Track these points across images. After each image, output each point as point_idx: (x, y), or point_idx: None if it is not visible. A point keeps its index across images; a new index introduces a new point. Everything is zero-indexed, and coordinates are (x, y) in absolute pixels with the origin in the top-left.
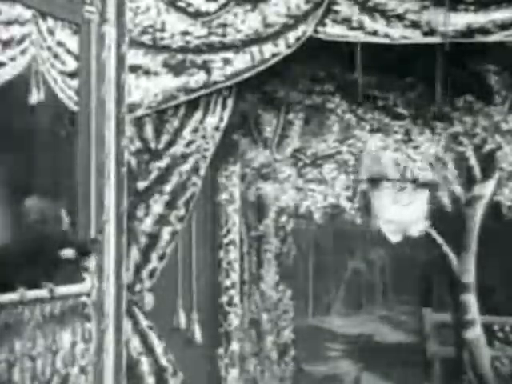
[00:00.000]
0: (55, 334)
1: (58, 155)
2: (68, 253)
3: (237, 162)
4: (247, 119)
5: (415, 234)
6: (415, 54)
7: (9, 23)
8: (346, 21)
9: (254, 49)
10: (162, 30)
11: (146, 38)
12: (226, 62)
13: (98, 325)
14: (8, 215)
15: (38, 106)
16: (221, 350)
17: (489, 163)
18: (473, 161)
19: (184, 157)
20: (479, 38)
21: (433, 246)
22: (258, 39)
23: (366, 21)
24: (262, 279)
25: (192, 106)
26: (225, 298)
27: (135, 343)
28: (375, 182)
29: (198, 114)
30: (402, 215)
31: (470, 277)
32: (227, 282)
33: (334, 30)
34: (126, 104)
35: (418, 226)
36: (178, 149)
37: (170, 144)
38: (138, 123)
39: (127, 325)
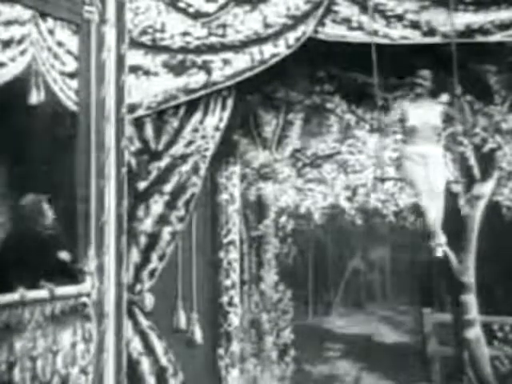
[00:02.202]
0: (55, 334)
1: (57, 155)
2: (64, 255)
3: (237, 162)
4: (247, 119)
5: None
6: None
7: (9, 23)
8: (346, 21)
9: (254, 49)
10: (162, 30)
11: (145, 39)
12: (226, 62)
13: (99, 325)
14: (7, 214)
15: (38, 107)
16: (221, 350)
17: (488, 163)
18: (472, 161)
19: (184, 157)
20: (479, 38)
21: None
22: (257, 40)
23: (366, 21)
24: (261, 279)
25: (192, 106)
26: (225, 298)
27: (135, 343)
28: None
29: (198, 115)
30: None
31: (469, 277)
32: (227, 282)
33: (333, 31)
34: (125, 104)
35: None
36: (178, 149)
37: (170, 144)
38: (138, 124)
39: (127, 325)
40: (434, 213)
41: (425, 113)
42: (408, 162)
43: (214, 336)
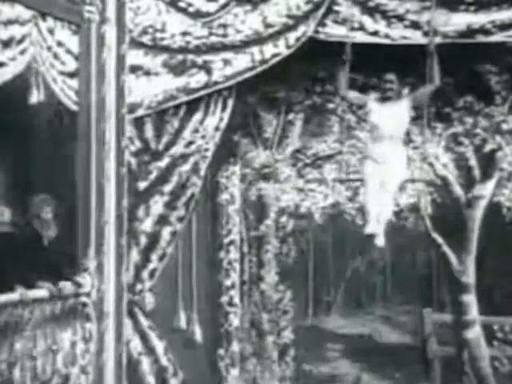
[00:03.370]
0: (55, 333)
1: (57, 155)
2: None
3: (237, 162)
4: (247, 119)
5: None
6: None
7: (9, 23)
8: (347, 21)
9: (255, 49)
10: (163, 30)
11: (146, 39)
12: (227, 62)
13: (99, 325)
14: (7, 214)
15: (38, 106)
16: (221, 350)
17: (489, 164)
18: (473, 161)
19: (184, 157)
20: (479, 39)
21: (433, 246)
22: (258, 39)
23: (367, 21)
24: (262, 279)
25: (192, 106)
26: (225, 298)
27: (136, 343)
28: None
29: (198, 115)
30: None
31: (469, 277)
32: (227, 282)
33: (334, 31)
34: (126, 104)
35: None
36: (178, 149)
37: (170, 144)
38: (138, 123)
39: (127, 325)
40: (376, 210)
41: (389, 110)
42: (369, 161)
43: (215, 336)
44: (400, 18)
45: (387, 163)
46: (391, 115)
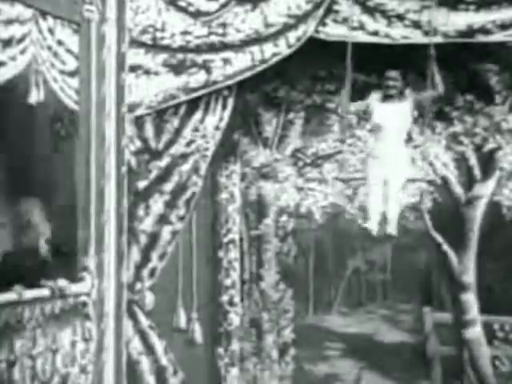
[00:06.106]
0: (55, 333)
1: (57, 154)
2: (62, 283)
3: (237, 161)
4: (247, 119)
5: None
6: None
7: (9, 22)
8: (347, 21)
9: (255, 48)
10: (163, 29)
11: (146, 38)
12: (227, 61)
13: (99, 324)
14: (6, 215)
15: (38, 105)
16: (221, 350)
17: (489, 163)
18: (473, 161)
19: (184, 156)
20: (480, 38)
21: (433, 245)
22: (258, 39)
23: (367, 21)
24: (262, 279)
25: (192, 105)
26: (225, 298)
27: (135, 343)
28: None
29: (199, 114)
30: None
31: (470, 276)
32: (227, 282)
33: (334, 30)
34: (126, 103)
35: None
36: (178, 148)
37: (171, 143)
38: (138, 123)
39: (127, 324)
40: (378, 208)
41: (391, 113)
42: (371, 159)
43: (214, 335)
44: (400, 18)
45: (390, 162)
46: (394, 114)
